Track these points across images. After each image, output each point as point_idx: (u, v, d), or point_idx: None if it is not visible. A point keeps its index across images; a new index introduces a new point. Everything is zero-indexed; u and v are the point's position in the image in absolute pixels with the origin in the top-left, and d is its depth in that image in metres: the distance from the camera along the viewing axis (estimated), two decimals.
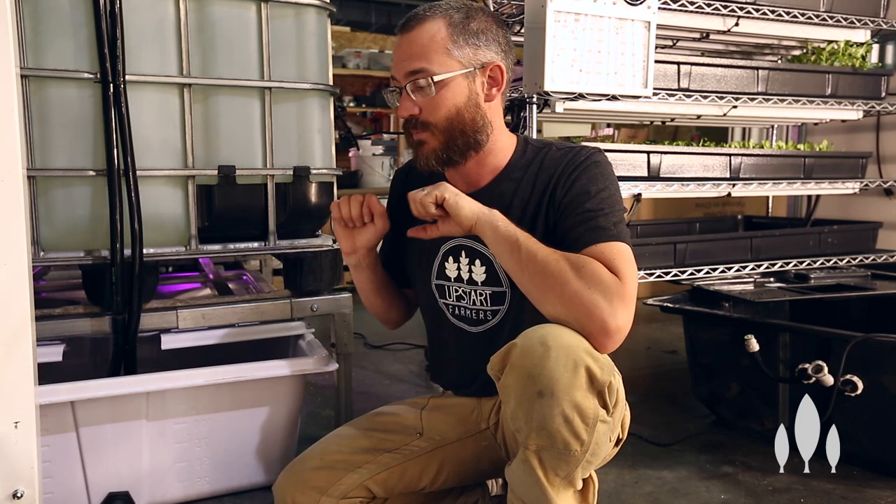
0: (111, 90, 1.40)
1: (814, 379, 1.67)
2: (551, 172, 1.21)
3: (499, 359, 1.06)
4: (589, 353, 1.01)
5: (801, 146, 2.51)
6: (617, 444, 1.23)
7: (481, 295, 1.28)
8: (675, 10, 1.99)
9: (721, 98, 2.09)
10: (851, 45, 2.37)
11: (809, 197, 2.69)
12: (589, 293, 1.03)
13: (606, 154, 1.25)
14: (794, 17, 2.17)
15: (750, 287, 2.18)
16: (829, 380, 1.65)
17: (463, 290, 1.30)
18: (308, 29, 1.61)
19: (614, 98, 1.81)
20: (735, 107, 2.16)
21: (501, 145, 1.27)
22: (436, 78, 1.17)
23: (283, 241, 1.65)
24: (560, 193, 1.19)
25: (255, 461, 1.60)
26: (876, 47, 2.50)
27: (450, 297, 1.32)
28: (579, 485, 1.05)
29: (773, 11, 2.13)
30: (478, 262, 1.27)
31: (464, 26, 1.19)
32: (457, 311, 1.32)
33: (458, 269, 1.30)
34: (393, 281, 1.43)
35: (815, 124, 2.77)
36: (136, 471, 1.48)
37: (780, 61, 2.50)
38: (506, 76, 1.23)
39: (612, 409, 1.03)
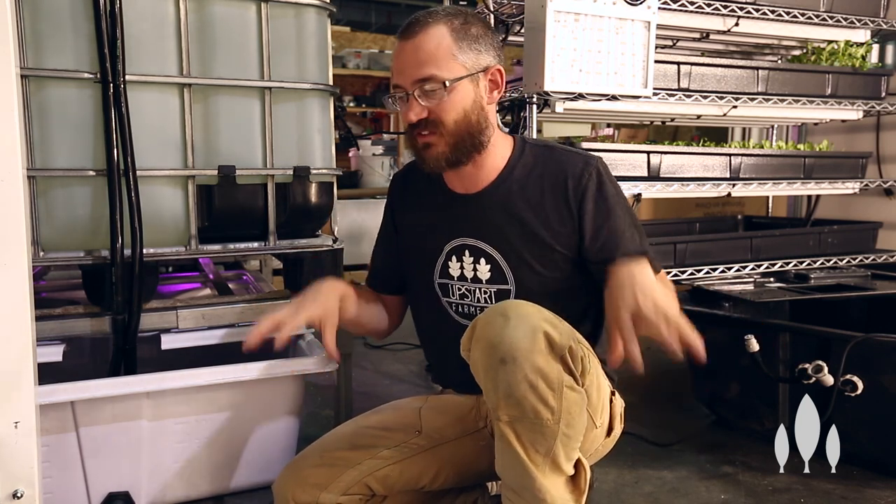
0: (111, 90, 1.40)
1: (814, 379, 1.67)
2: (562, 183, 1.24)
3: (467, 337, 1.09)
4: (547, 320, 1.04)
5: (801, 146, 2.51)
6: (609, 433, 1.24)
7: (486, 293, 1.29)
8: (675, 10, 1.99)
9: (721, 98, 2.09)
10: (851, 45, 2.37)
11: (809, 197, 2.68)
12: None
13: (605, 154, 1.27)
14: (794, 17, 2.17)
15: (750, 287, 2.18)
16: (829, 380, 1.65)
17: (467, 289, 1.31)
18: (308, 29, 1.61)
19: (614, 98, 1.81)
20: (735, 107, 2.16)
21: (499, 147, 1.29)
22: (447, 83, 1.18)
23: (283, 241, 1.65)
24: (588, 222, 1.24)
25: (256, 461, 1.60)
26: (876, 47, 2.50)
27: (453, 296, 1.33)
28: (569, 469, 1.05)
29: (773, 11, 2.13)
30: (482, 260, 1.28)
31: (465, 32, 1.21)
32: (461, 309, 1.33)
33: (462, 267, 1.31)
34: (370, 299, 1.44)
35: (815, 124, 2.76)
36: (136, 471, 1.48)
37: (780, 61, 2.50)
38: (504, 79, 1.26)
39: (581, 377, 1.05)
